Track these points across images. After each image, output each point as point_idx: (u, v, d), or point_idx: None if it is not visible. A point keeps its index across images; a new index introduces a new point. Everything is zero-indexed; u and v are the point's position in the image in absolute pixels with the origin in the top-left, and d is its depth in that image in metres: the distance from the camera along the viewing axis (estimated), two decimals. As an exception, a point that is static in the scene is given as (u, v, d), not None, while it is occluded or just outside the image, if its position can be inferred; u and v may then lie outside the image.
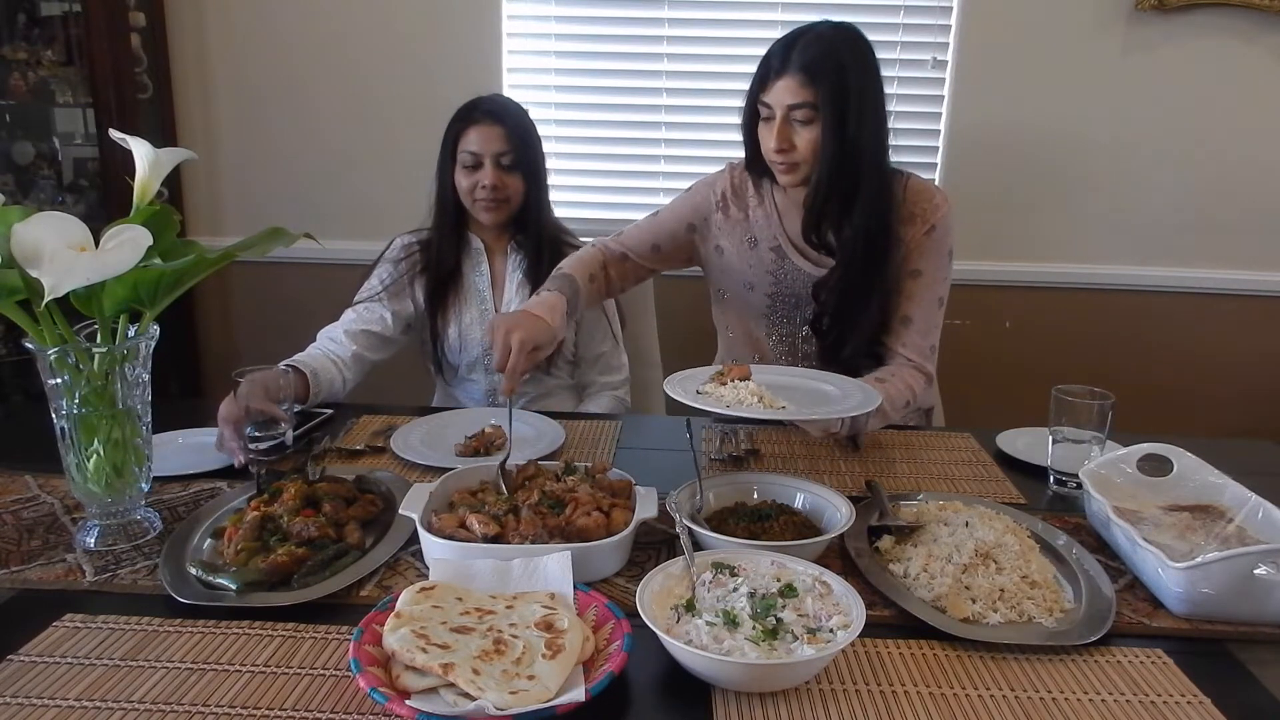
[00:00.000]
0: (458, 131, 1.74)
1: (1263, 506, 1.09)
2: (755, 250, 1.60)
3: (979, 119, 2.46)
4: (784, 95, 1.40)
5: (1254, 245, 2.51)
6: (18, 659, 0.85)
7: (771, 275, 1.60)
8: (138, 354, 1.05)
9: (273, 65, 2.53)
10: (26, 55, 2.42)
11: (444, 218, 1.79)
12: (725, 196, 1.62)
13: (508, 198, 1.73)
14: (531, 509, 1.08)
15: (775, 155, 1.44)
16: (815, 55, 1.38)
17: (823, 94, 1.38)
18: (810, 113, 1.40)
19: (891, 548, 1.08)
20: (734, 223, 1.61)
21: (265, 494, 1.14)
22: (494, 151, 1.70)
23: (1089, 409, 1.29)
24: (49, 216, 0.94)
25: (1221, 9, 2.33)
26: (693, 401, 1.20)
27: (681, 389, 1.24)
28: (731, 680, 0.83)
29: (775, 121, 1.42)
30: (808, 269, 1.57)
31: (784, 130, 1.42)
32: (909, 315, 1.53)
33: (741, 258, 1.61)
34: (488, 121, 1.71)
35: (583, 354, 1.85)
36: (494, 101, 1.77)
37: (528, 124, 1.77)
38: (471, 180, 1.72)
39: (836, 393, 1.30)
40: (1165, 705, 0.83)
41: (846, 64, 1.39)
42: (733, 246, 1.61)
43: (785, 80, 1.40)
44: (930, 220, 1.52)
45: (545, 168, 1.80)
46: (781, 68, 1.40)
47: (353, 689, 0.80)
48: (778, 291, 1.61)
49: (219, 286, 2.74)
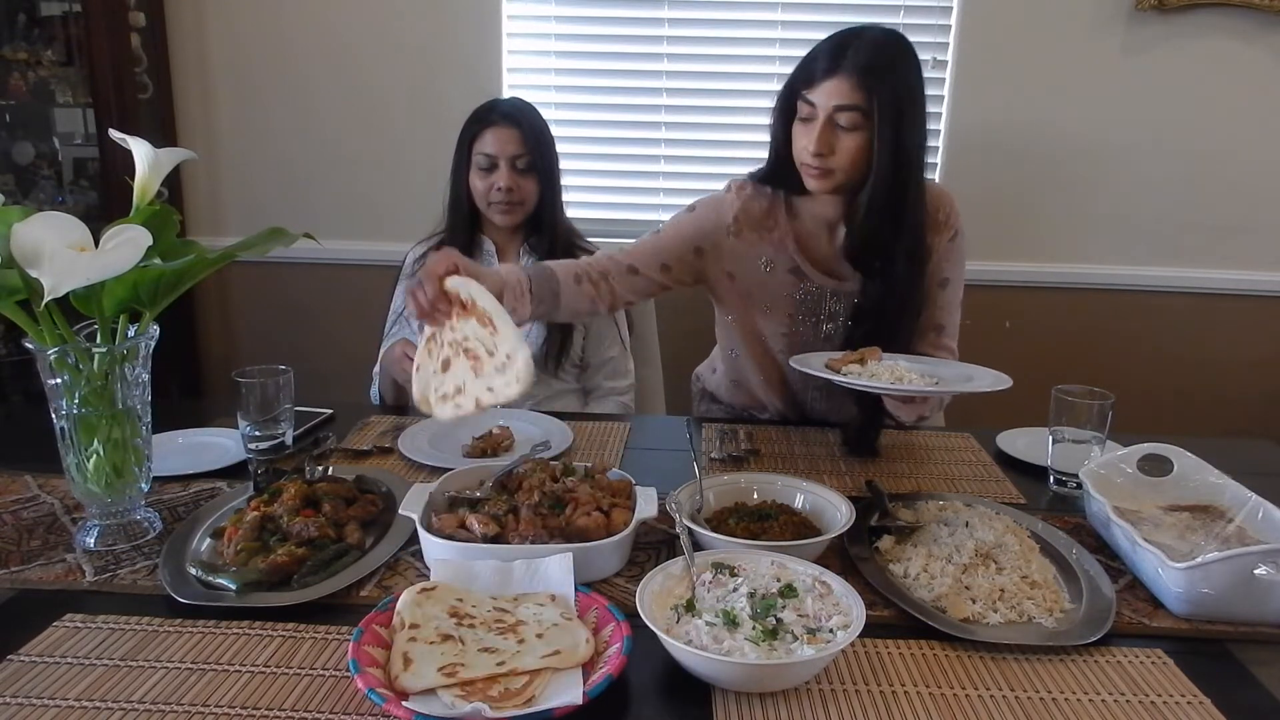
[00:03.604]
0: (474, 134, 1.74)
1: (1263, 506, 1.09)
2: (772, 274, 1.52)
3: (979, 119, 2.46)
4: (832, 96, 1.32)
5: (1254, 245, 2.51)
6: (18, 659, 0.85)
7: (792, 299, 1.53)
8: (138, 354, 1.05)
9: (273, 65, 2.54)
10: (26, 55, 2.43)
11: (458, 219, 1.81)
12: (738, 220, 1.51)
13: (522, 200, 1.74)
14: (531, 509, 1.08)
15: (811, 159, 1.36)
16: (872, 59, 1.31)
17: (878, 101, 1.31)
18: (857, 117, 1.32)
19: (891, 548, 1.08)
20: (748, 246, 1.52)
21: (265, 494, 1.14)
22: (509, 154, 1.71)
23: (1089, 409, 1.29)
24: (49, 216, 0.94)
25: (1221, 9, 2.33)
26: (852, 383, 1.23)
27: (809, 367, 1.28)
28: (731, 680, 0.83)
29: (817, 123, 1.34)
30: (830, 286, 1.51)
31: (825, 133, 1.34)
32: (941, 324, 1.52)
33: (757, 283, 1.53)
34: (504, 124, 1.72)
35: (590, 358, 1.85)
36: (510, 104, 1.77)
37: (543, 127, 1.77)
38: (487, 182, 1.73)
39: (960, 374, 1.32)
40: (1165, 705, 0.83)
41: (900, 73, 1.33)
42: (745, 271, 1.53)
43: (836, 81, 1.32)
44: (954, 226, 1.50)
45: (559, 170, 1.81)
46: (833, 67, 1.32)
47: (352, 689, 0.80)
48: (797, 313, 1.53)
49: (219, 286, 2.74)
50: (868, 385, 1.23)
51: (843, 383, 1.25)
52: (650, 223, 2.62)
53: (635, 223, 2.61)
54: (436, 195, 1.87)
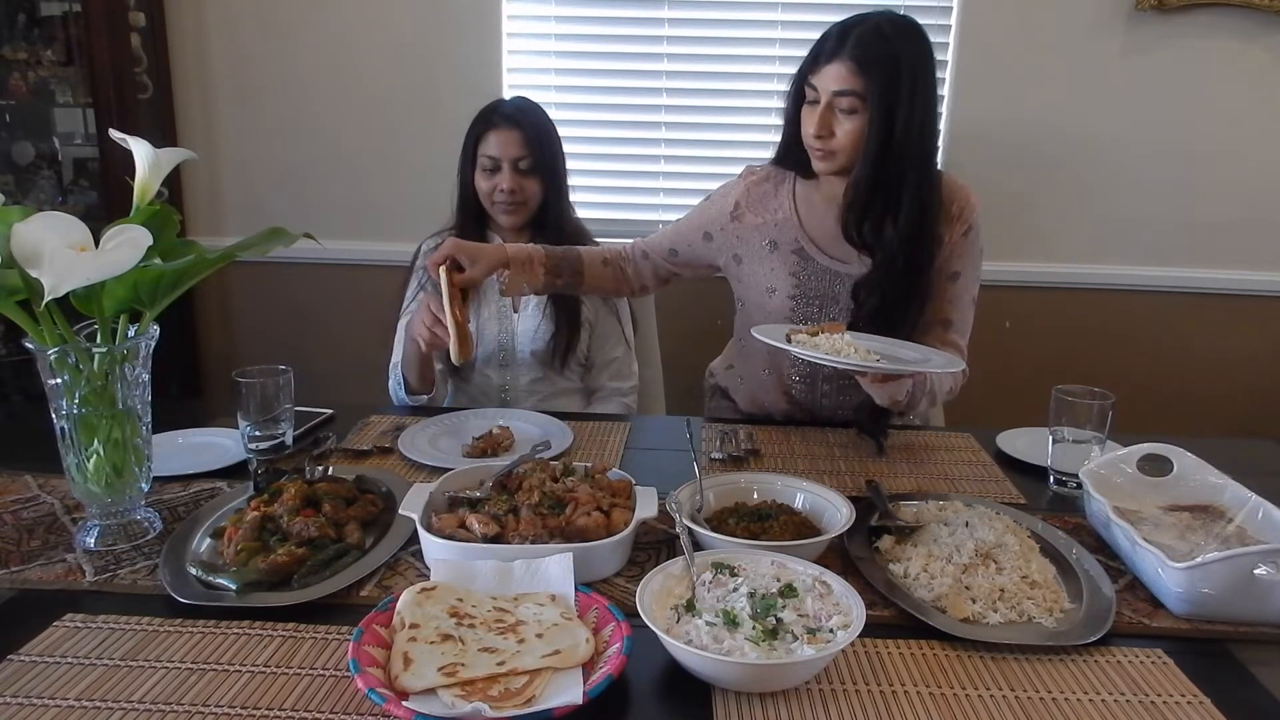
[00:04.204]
0: (478, 134, 1.75)
1: (1263, 506, 1.09)
2: (775, 254, 1.56)
3: (979, 119, 2.46)
4: (832, 81, 1.37)
5: (1254, 245, 2.51)
6: (18, 659, 0.85)
7: (794, 277, 1.55)
8: (138, 354, 1.05)
9: (273, 65, 2.53)
10: (26, 55, 2.42)
11: (466, 217, 1.82)
12: (739, 204, 1.58)
13: (525, 200, 1.75)
14: (531, 509, 1.08)
15: (814, 141, 1.42)
16: (871, 46, 1.34)
17: (872, 87, 1.35)
18: (855, 102, 1.36)
19: (891, 548, 1.08)
20: (749, 229, 1.57)
21: (265, 494, 1.14)
22: (511, 156, 1.72)
23: (1089, 409, 1.29)
24: (49, 216, 0.94)
25: (1221, 9, 2.33)
26: (788, 347, 1.27)
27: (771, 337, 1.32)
28: (731, 680, 0.83)
29: (819, 106, 1.39)
30: (835, 267, 1.53)
31: (826, 116, 1.39)
32: (949, 318, 1.52)
33: (760, 263, 1.57)
34: (506, 126, 1.73)
35: (594, 358, 1.86)
36: (513, 105, 1.78)
37: (546, 127, 1.78)
38: (490, 184, 1.74)
39: (919, 356, 1.35)
40: (1165, 705, 0.83)
41: (901, 60, 1.35)
42: (750, 254, 1.58)
43: (836, 66, 1.36)
44: (968, 221, 1.50)
45: (565, 170, 1.81)
46: (835, 52, 1.36)
47: (352, 689, 0.80)
48: (801, 293, 1.55)
49: (219, 286, 2.74)
50: (805, 354, 1.28)
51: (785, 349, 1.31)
52: (650, 223, 2.61)
53: (635, 222, 2.61)
54: (436, 195, 1.87)
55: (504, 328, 1.80)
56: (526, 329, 1.79)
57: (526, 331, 1.79)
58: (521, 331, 1.79)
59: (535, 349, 1.78)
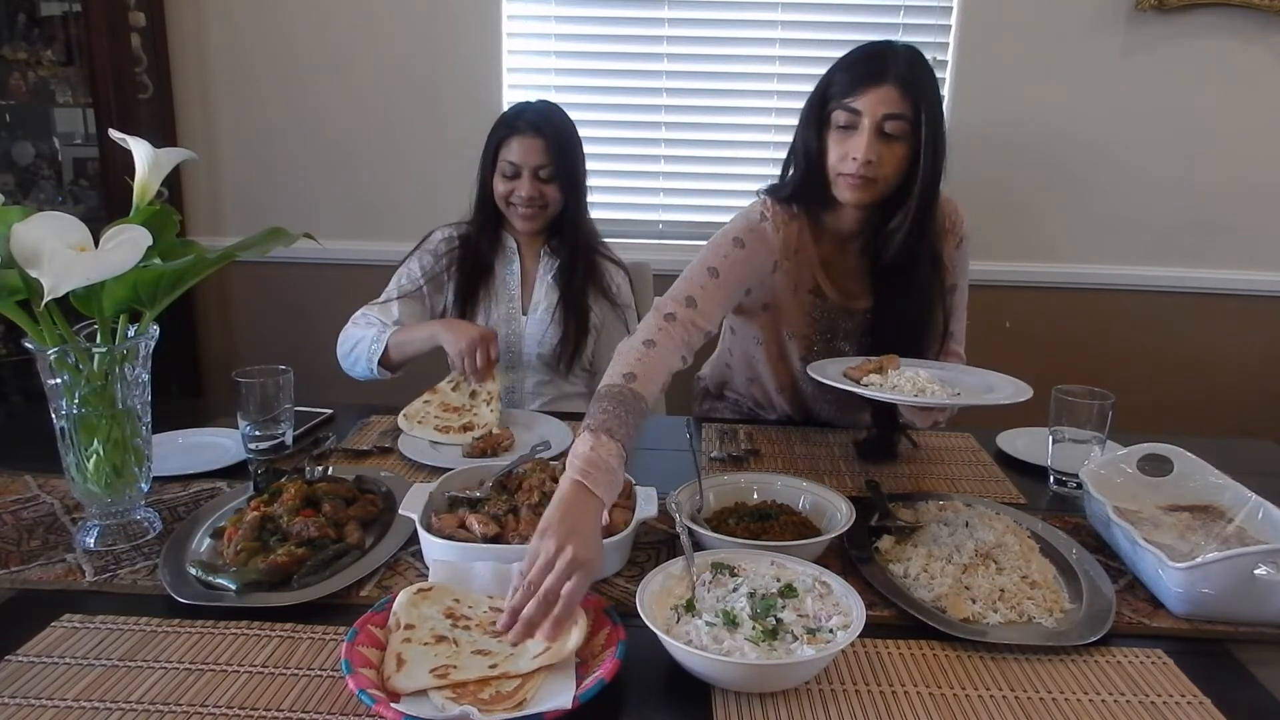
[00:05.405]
0: (500, 138, 1.73)
1: (1263, 506, 1.09)
2: (797, 296, 1.49)
3: (979, 119, 2.46)
4: (880, 104, 1.29)
5: (1254, 245, 2.51)
6: (17, 659, 0.85)
7: (809, 317, 1.50)
8: (138, 354, 1.05)
9: (273, 65, 2.54)
10: (26, 55, 2.42)
11: (483, 216, 1.81)
12: (777, 264, 1.46)
13: (545, 206, 1.74)
14: (531, 509, 1.08)
15: (857, 168, 1.31)
16: (913, 70, 1.30)
17: (923, 110, 1.30)
18: (903, 126, 1.30)
19: (891, 548, 1.08)
20: (785, 276, 1.47)
21: (265, 494, 1.14)
22: (533, 164, 1.71)
23: (1089, 409, 1.29)
24: (49, 216, 0.94)
25: (1221, 9, 2.33)
26: (866, 391, 1.21)
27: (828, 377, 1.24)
28: (731, 680, 0.83)
29: (862, 131, 1.30)
30: (845, 304, 1.50)
31: (874, 140, 1.30)
32: (953, 331, 1.52)
33: (786, 307, 1.50)
34: (529, 133, 1.71)
35: (599, 364, 1.85)
36: (538, 112, 1.75)
37: (569, 134, 1.76)
38: (509, 187, 1.73)
39: (980, 382, 1.30)
40: (1165, 705, 0.83)
41: (933, 85, 1.33)
42: (779, 301, 1.50)
43: (885, 89, 1.29)
44: (959, 233, 1.50)
45: (585, 175, 1.80)
46: (880, 75, 1.30)
47: (349, 690, 0.80)
48: (810, 332, 1.52)
49: (219, 286, 2.74)
50: (890, 397, 1.21)
51: (866, 394, 1.22)
52: (650, 223, 2.62)
53: (635, 222, 2.61)
54: (436, 195, 1.87)
55: (512, 330, 1.79)
56: (534, 332, 1.79)
57: (534, 334, 1.79)
58: (530, 334, 1.79)
59: (541, 352, 1.78)
